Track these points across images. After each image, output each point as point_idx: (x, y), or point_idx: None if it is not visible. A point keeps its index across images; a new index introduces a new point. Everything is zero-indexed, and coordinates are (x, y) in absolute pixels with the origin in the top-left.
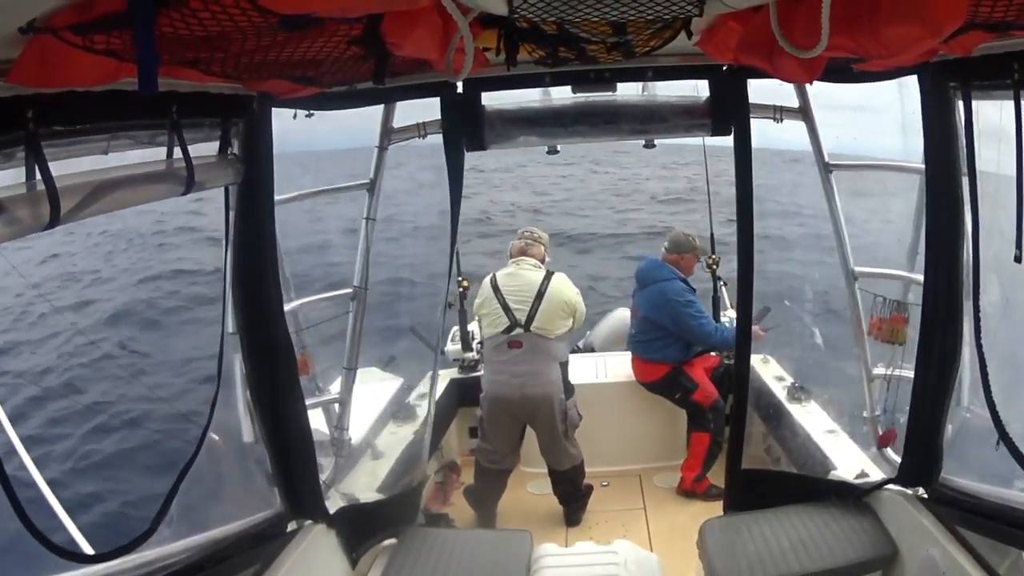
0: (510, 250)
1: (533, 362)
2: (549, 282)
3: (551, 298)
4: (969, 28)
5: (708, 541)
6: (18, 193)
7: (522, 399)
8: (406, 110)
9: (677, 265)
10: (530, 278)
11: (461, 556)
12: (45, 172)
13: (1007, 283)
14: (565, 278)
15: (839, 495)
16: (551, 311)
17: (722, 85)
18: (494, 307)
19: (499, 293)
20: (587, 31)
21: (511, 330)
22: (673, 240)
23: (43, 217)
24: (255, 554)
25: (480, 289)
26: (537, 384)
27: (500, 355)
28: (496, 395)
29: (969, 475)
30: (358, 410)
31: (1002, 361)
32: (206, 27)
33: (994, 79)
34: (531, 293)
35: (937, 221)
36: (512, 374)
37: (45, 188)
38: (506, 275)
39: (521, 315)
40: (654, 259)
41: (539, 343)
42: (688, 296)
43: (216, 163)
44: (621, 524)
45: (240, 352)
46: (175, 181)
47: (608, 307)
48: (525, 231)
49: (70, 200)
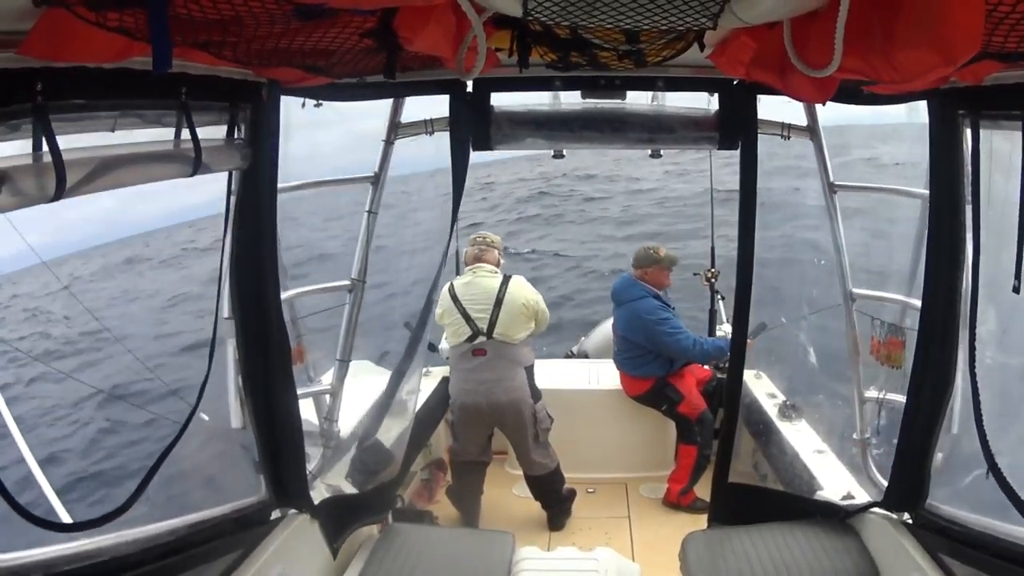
0: (464, 258)
1: (497, 368)
2: (507, 287)
3: (510, 303)
4: (981, 57)
5: (690, 554)
6: (24, 164)
7: (489, 406)
8: (413, 105)
9: (646, 280)
10: (487, 285)
11: (442, 554)
12: (52, 144)
13: (1005, 313)
14: (523, 281)
15: (823, 515)
16: (512, 316)
17: (732, 99)
18: (455, 317)
19: (458, 303)
20: (600, 37)
21: (474, 338)
22: (636, 256)
23: (48, 189)
24: (237, 539)
25: (440, 299)
26: (502, 390)
27: (465, 363)
28: (464, 403)
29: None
30: (349, 402)
31: (994, 391)
32: (220, 11)
33: (1003, 109)
34: (490, 300)
35: (938, 247)
36: (478, 381)
37: (52, 160)
38: (463, 284)
39: (482, 323)
40: (627, 276)
41: (502, 349)
42: (661, 313)
43: (224, 147)
44: (604, 532)
45: (234, 337)
46: (182, 162)
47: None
48: (477, 237)
49: (76, 174)
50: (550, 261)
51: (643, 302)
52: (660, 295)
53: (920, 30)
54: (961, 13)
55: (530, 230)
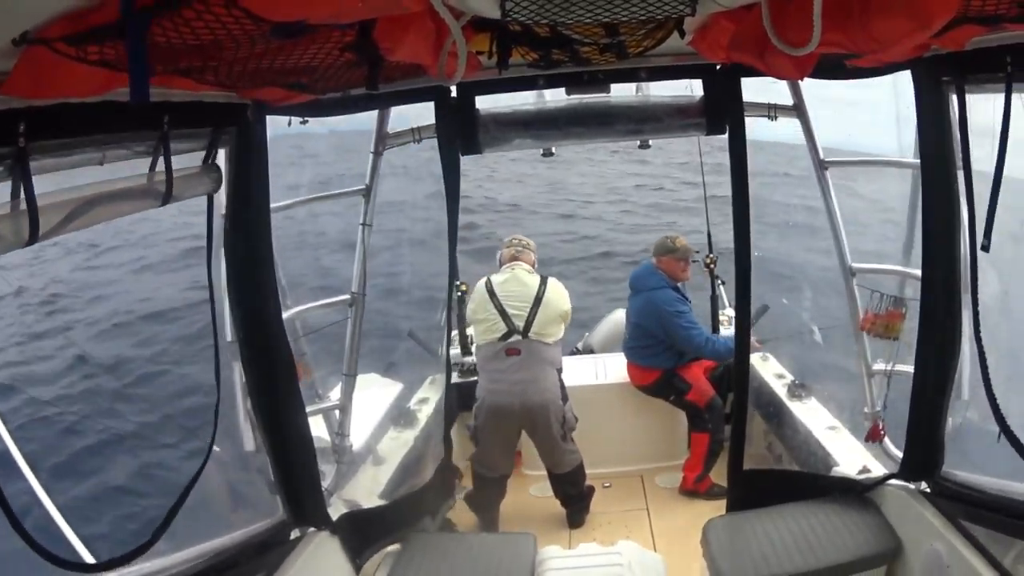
0: (500, 258)
1: (532, 369)
2: (546, 287)
3: (548, 303)
4: (961, 22)
5: (712, 540)
6: (1, 212)
7: (522, 408)
8: (401, 115)
9: (667, 271)
10: (527, 282)
11: (465, 560)
12: (29, 192)
13: (1005, 276)
14: (560, 283)
15: (841, 491)
16: (549, 316)
17: (716, 84)
18: (490, 313)
19: (495, 298)
20: (580, 33)
21: (508, 336)
22: (656, 246)
23: (23, 234)
24: (259, 563)
25: (473, 294)
26: (536, 392)
27: (497, 363)
28: (494, 404)
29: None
30: (358, 416)
31: (1001, 353)
32: (199, 36)
33: (987, 72)
34: (529, 298)
35: (934, 216)
36: (511, 382)
37: (27, 207)
38: (502, 281)
39: (519, 321)
40: (647, 264)
41: (537, 349)
42: (678, 306)
43: (195, 173)
44: (624, 525)
45: (240, 361)
46: (154, 194)
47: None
48: (513, 239)
49: (52, 218)
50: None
51: (661, 292)
52: (679, 287)
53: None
54: None
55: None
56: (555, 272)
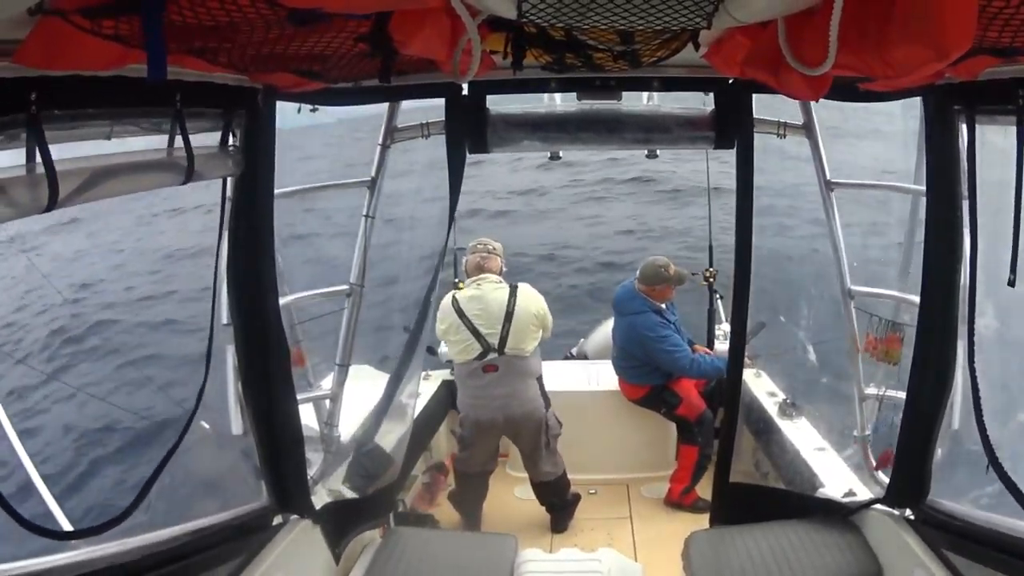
0: (465, 268)
1: (511, 383)
2: (516, 299)
3: (520, 316)
4: (976, 52)
5: (693, 553)
6: (17, 175)
7: (506, 420)
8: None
9: (651, 296)
10: (495, 298)
11: (445, 558)
12: (45, 155)
13: (1003, 309)
14: (530, 289)
15: (826, 512)
16: (522, 329)
17: (727, 98)
18: (463, 334)
19: (465, 318)
20: (594, 39)
21: (484, 355)
22: (644, 272)
23: (41, 200)
24: (239, 546)
25: (440, 312)
26: (518, 404)
27: (476, 380)
28: (478, 419)
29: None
30: (349, 407)
31: (993, 385)
32: (215, 17)
33: (998, 104)
34: (499, 314)
35: (936, 243)
36: (491, 397)
37: (45, 171)
38: (469, 298)
39: (493, 339)
40: (628, 286)
41: (515, 364)
42: (660, 331)
43: (217, 154)
44: (607, 532)
45: (233, 344)
46: (175, 170)
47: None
48: (478, 244)
49: (69, 184)
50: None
51: (643, 317)
52: (661, 309)
53: (913, 26)
54: (953, 9)
55: None
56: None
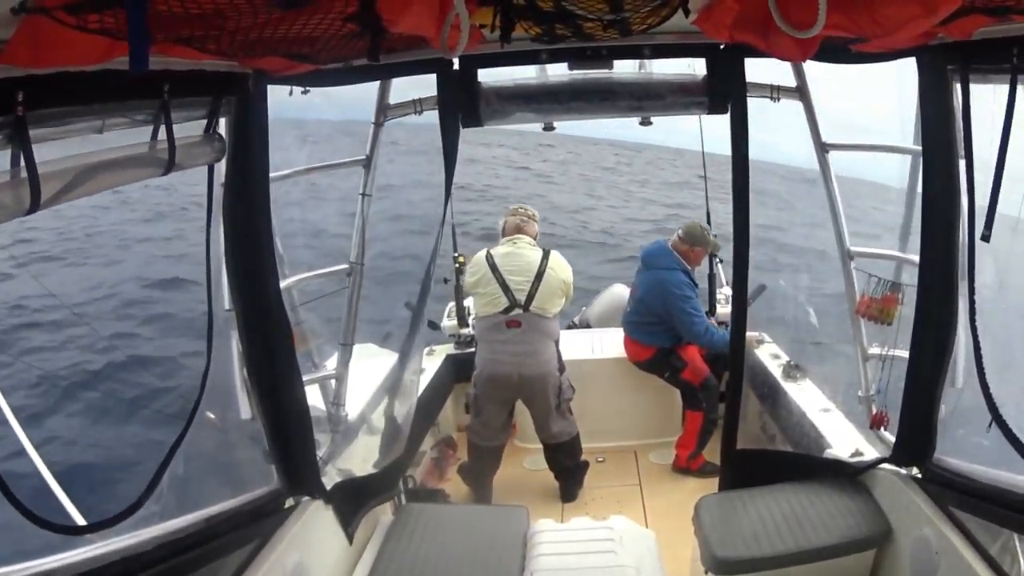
0: (503, 227)
1: (531, 341)
2: (547, 261)
3: (550, 277)
4: (969, 11)
5: (703, 518)
6: (2, 180)
7: (520, 378)
8: (404, 86)
9: (685, 256)
10: (529, 257)
11: (458, 531)
12: (29, 160)
13: (1002, 265)
14: (561, 257)
15: (833, 473)
16: (550, 290)
17: (719, 64)
18: (492, 287)
19: (497, 272)
20: (583, 8)
21: (510, 310)
22: (688, 231)
23: (24, 202)
24: (253, 530)
25: (473, 266)
26: (535, 364)
27: (497, 334)
28: (493, 374)
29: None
30: (354, 386)
31: (996, 342)
32: (200, 4)
33: (992, 63)
34: (531, 272)
35: (933, 203)
36: (511, 353)
37: (27, 174)
38: (504, 254)
39: (521, 295)
40: (662, 243)
41: (537, 323)
42: (687, 291)
43: (198, 142)
44: (617, 500)
45: (236, 329)
46: (155, 164)
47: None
48: (519, 208)
49: (52, 186)
50: None
51: (673, 273)
52: (690, 271)
53: None
54: None
55: None
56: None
